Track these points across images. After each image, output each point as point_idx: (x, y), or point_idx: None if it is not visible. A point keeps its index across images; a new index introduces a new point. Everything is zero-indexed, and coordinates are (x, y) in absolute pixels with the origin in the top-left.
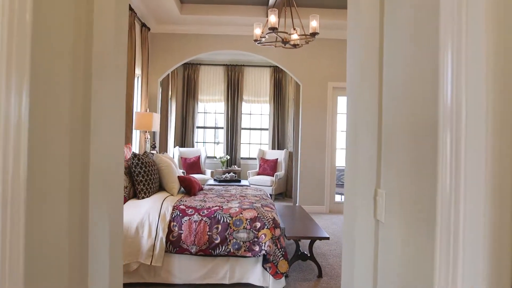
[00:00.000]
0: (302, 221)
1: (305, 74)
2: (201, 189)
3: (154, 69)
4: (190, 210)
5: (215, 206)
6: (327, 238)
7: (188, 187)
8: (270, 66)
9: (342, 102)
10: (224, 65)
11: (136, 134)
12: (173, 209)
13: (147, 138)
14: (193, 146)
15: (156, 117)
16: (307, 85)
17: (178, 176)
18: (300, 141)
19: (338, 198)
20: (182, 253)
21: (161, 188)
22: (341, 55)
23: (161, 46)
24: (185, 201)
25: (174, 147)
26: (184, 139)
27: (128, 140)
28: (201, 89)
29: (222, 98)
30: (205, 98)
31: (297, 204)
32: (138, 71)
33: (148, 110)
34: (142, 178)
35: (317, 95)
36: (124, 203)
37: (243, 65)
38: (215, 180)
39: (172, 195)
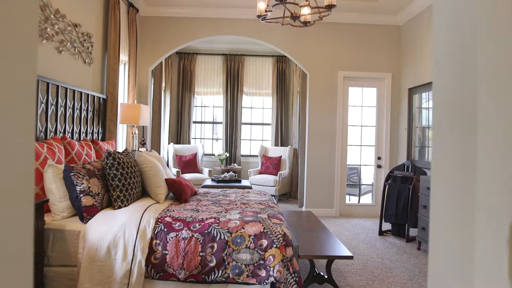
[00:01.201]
0: (316, 233)
1: (312, 62)
2: (195, 193)
3: (144, 56)
4: (178, 223)
5: (210, 218)
6: (351, 258)
7: (178, 192)
8: (272, 56)
9: (353, 93)
10: (222, 54)
11: (123, 129)
12: (156, 223)
13: (135, 133)
14: (189, 143)
15: (145, 110)
16: (315, 74)
17: (165, 179)
18: (307, 136)
19: (348, 199)
20: (167, 280)
21: (145, 193)
22: (353, 41)
23: (152, 31)
24: (173, 210)
25: (169, 143)
26: (179, 135)
27: (112, 135)
28: (197, 81)
29: (220, 91)
30: (202, 90)
31: (303, 207)
32: (124, 57)
33: (136, 102)
34: (118, 182)
35: (326, 86)
36: (96, 214)
37: (243, 55)
38: (212, 180)
39: (157, 202)
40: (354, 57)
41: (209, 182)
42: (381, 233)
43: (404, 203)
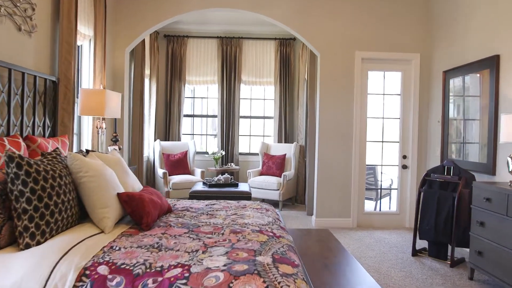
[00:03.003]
0: (345, 274)
1: (324, 40)
2: (168, 210)
3: (120, 34)
4: (118, 279)
5: (176, 267)
6: None
7: (137, 213)
8: (275, 39)
9: (374, 79)
10: (217, 37)
11: (88, 123)
12: (79, 278)
13: (101, 128)
14: (179, 139)
15: (114, 98)
16: (327, 55)
17: (118, 194)
18: (318, 131)
19: (367, 206)
20: None
21: (85, 217)
22: (373, 14)
23: (128, 3)
24: (118, 249)
25: (155, 140)
26: (168, 131)
27: (66, 130)
28: (189, 68)
29: (215, 79)
30: (194, 79)
31: (313, 216)
32: (87, 31)
33: (103, 87)
34: (27, 204)
35: (340, 69)
36: None
37: (241, 38)
38: (204, 184)
39: (102, 232)
40: (375, 34)
41: (200, 186)
42: (415, 252)
43: (446, 216)
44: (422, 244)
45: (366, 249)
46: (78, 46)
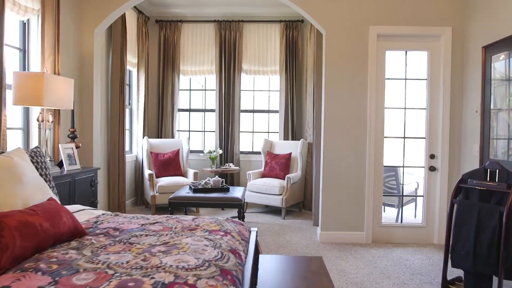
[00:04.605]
0: None
1: (331, 14)
2: (79, 234)
3: (86, 12)
4: None
5: None
6: None
7: None
8: (279, 21)
9: (393, 60)
10: (214, 21)
11: (33, 115)
12: None
13: (47, 121)
14: (173, 137)
15: (62, 84)
16: (335, 32)
17: None
18: (323, 124)
19: (387, 216)
20: None
21: None
22: None
23: None
24: None
25: (143, 137)
26: (160, 127)
27: None
28: (183, 57)
29: (212, 69)
30: (189, 69)
31: (319, 228)
32: (29, 3)
33: (54, 72)
34: None
35: (351, 49)
36: None
37: (242, 21)
38: (190, 188)
39: None
40: (394, 4)
41: (184, 191)
42: (446, 284)
43: (491, 237)
44: (455, 272)
45: (379, 277)
46: (24, 22)
